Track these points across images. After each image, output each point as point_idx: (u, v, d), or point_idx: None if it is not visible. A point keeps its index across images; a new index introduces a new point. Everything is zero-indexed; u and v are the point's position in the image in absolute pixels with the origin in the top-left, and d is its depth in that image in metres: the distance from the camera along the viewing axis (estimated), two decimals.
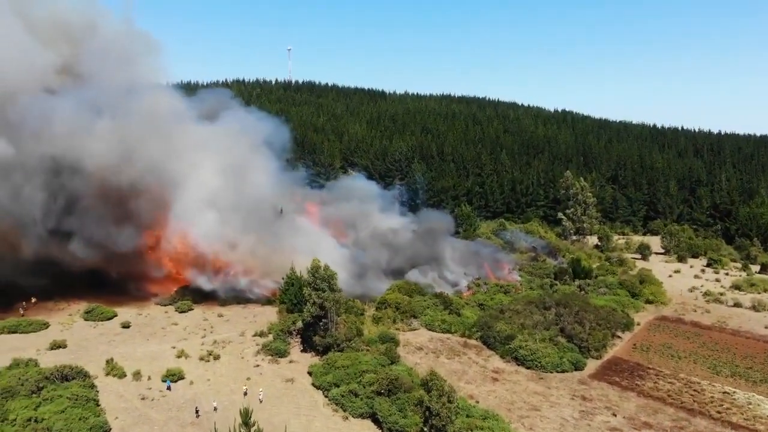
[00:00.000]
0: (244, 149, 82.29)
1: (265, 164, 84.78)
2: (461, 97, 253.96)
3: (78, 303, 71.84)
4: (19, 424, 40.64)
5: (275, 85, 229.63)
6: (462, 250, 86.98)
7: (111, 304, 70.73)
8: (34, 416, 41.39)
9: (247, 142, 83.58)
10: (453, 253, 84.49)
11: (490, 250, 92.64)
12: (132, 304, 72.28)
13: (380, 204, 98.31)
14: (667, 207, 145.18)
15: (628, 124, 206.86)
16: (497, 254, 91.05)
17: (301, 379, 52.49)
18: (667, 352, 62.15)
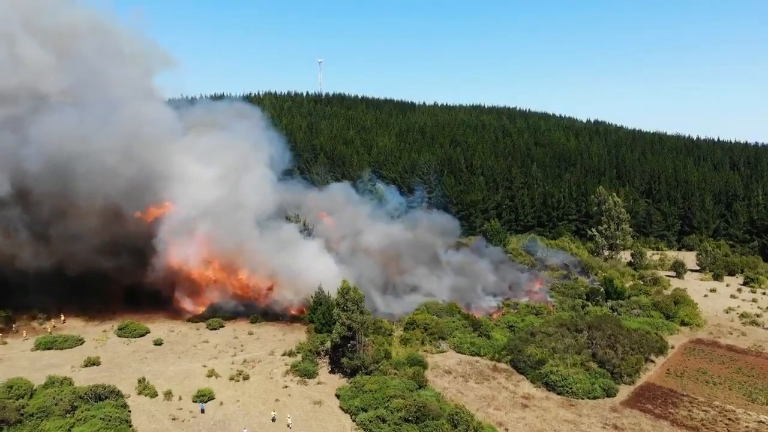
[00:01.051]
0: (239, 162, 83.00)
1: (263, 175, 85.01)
2: (491, 107, 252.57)
3: (112, 318, 73.32)
4: None
5: (306, 98, 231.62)
6: (492, 268, 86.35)
7: (144, 320, 72.21)
8: None
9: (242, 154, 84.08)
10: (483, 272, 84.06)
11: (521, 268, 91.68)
12: (164, 320, 73.53)
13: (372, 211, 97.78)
14: (703, 222, 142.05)
15: (663, 135, 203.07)
16: (528, 273, 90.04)
17: (329, 402, 52.57)
18: (701, 378, 60.53)
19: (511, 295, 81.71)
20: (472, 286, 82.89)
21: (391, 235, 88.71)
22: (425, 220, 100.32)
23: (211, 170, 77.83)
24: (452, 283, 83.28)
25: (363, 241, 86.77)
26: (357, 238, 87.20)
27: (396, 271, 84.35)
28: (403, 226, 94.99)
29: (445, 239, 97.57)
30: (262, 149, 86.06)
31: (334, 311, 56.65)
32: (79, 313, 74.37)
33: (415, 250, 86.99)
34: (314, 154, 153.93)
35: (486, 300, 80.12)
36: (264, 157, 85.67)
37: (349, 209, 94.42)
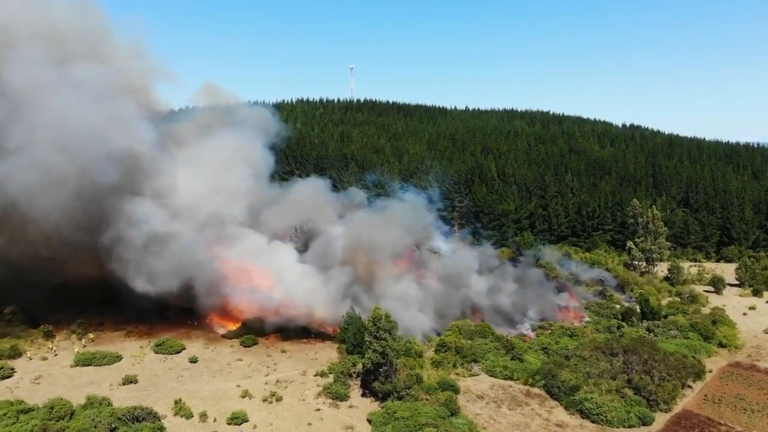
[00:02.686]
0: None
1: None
2: (524, 111, 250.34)
3: (149, 334, 74.74)
4: None
5: (338, 104, 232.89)
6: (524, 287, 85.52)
7: (179, 336, 73.57)
8: None
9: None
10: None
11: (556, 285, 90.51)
12: (199, 336, 74.69)
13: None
14: (742, 233, 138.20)
15: (701, 141, 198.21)
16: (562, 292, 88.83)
17: (360, 427, 52.75)
18: (739, 405, 59.00)
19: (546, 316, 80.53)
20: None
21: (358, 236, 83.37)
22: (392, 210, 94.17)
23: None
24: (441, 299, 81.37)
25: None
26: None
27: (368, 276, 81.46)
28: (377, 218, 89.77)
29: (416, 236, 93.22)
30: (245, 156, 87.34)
31: (366, 338, 56.81)
32: (116, 328, 76.05)
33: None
34: (345, 163, 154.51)
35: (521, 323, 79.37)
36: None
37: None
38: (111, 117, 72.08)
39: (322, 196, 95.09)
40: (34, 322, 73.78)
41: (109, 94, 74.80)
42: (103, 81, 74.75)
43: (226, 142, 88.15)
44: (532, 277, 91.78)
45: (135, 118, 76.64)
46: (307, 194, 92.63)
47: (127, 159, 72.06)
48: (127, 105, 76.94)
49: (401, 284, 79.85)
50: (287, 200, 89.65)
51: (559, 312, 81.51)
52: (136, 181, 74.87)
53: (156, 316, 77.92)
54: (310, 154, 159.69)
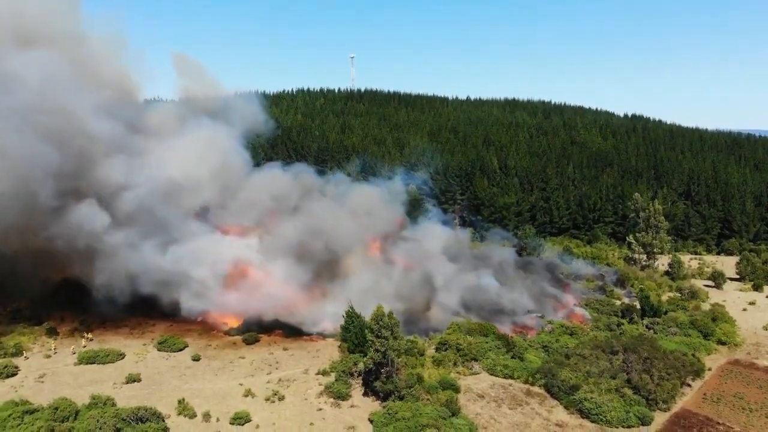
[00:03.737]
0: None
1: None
2: (526, 101, 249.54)
3: (152, 331, 75.23)
4: None
5: (338, 94, 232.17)
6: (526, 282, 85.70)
7: (182, 333, 74.05)
8: None
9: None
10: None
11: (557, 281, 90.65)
12: (202, 334, 75.04)
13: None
14: (743, 225, 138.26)
15: (703, 132, 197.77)
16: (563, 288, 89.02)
17: (361, 427, 53.24)
18: (738, 404, 59.39)
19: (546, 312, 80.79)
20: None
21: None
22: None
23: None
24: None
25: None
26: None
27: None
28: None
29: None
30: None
31: (368, 336, 57.18)
32: (119, 325, 76.45)
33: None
34: (346, 155, 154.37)
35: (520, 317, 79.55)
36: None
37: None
38: (53, 109, 70.68)
39: (282, 184, 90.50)
40: (37, 319, 74.11)
41: (57, 83, 73.14)
42: (53, 69, 73.30)
43: (197, 135, 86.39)
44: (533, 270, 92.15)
45: (86, 111, 74.27)
46: (267, 183, 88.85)
47: (70, 155, 71.01)
48: (83, 98, 74.97)
49: (367, 275, 79.30)
50: (251, 189, 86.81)
51: (559, 309, 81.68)
52: (80, 179, 73.53)
53: (158, 313, 78.25)
54: (311, 146, 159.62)
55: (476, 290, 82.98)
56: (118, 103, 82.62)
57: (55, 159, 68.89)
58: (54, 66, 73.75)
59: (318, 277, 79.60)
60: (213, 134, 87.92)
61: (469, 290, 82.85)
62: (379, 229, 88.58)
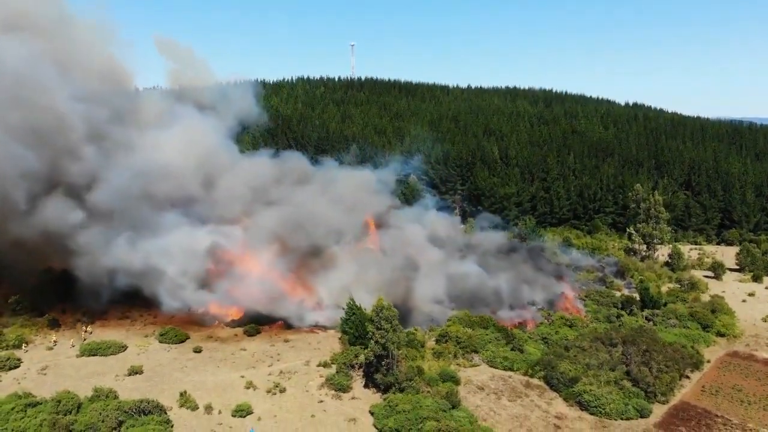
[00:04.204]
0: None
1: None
2: (527, 90, 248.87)
3: (153, 323, 75.41)
4: None
5: (339, 83, 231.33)
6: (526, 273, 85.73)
7: (183, 324, 74.16)
8: None
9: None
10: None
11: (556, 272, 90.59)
12: (203, 326, 75.32)
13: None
14: (743, 216, 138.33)
15: (704, 121, 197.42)
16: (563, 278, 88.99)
17: (362, 419, 53.63)
18: (736, 397, 59.71)
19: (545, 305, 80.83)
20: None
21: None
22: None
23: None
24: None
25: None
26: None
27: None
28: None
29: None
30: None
31: (369, 328, 57.46)
32: (121, 316, 76.73)
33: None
34: (346, 145, 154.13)
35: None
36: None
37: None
38: (27, 99, 69.94)
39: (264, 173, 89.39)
40: (39, 311, 74.33)
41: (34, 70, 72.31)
42: (29, 56, 72.44)
43: (180, 125, 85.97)
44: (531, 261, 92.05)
45: (63, 100, 73.15)
46: (249, 173, 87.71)
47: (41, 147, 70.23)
48: (61, 85, 73.82)
49: (351, 265, 79.01)
50: (233, 179, 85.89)
51: (560, 300, 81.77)
52: (55, 172, 72.82)
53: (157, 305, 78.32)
54: (311, 136, 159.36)
55: (459, 278, 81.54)
56: (104, 91, 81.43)
57: (30, 160, 68.49)
58: (31, 53, 73.02)
59: (302, 267, 79.36)
60: (196, 125, 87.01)
61: (452, 278, 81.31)
62: (365, 215, 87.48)
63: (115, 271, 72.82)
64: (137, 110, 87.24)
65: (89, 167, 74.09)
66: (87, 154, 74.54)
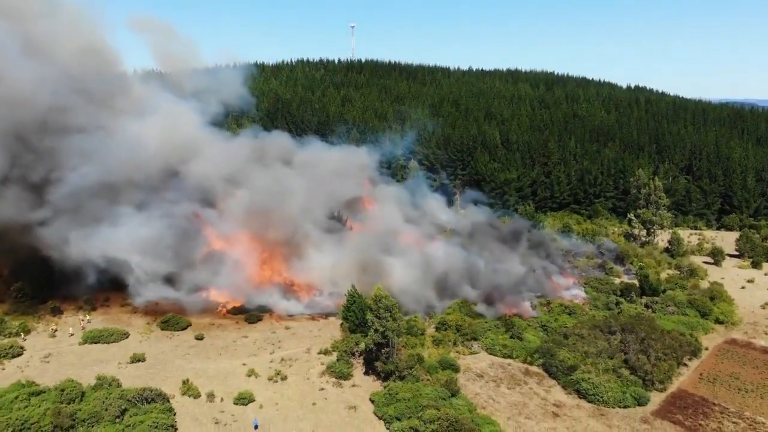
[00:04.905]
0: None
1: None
2: (529, 72, 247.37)
3: (154, 310, 75.56)
4: None
5: (338, 65, 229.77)
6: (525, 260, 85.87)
7: (185, 312, 74.47)
8: None
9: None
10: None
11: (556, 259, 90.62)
12: (204, 312, 75.53)
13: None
14: (744, 201, 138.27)
15: (706, 105, 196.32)
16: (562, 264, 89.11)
17: (363, 407, 54.22)
18: (734, 385, 60.23)
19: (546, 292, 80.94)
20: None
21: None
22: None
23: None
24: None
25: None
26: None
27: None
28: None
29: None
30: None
31: (368, 317, 57.84)
32: (123, 303, 77.01)
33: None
34: (347, 129, 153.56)
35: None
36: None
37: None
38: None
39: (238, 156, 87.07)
40: (41, 298, 74.61)
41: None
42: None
43: (157, 111, 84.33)
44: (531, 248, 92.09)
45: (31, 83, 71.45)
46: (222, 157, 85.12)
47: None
48: (30, 69, 72.32)
49: (329, 249, 78.51)
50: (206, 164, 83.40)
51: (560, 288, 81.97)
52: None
53: None
54: (311, 120, 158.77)
55: (433, 261, 79.97)
56: (79, 75, 79.05)
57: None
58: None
59: (276, 253, 78.86)
60: (172, 110, 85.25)
61: (426, 260, 79.82)
62: (344, 195, 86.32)
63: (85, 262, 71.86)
64: (112, 94, 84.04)
65: (49, 157, 72.44)
66: (47, 141, 72.85)
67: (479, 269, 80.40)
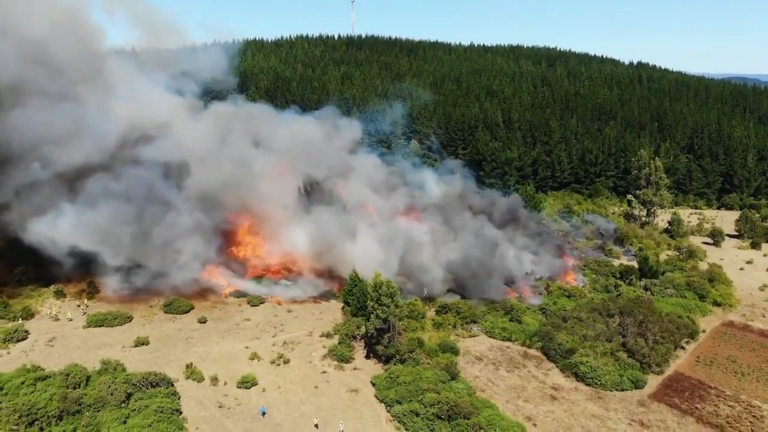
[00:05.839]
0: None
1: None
2: (531, 48, 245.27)
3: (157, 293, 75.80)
4: None
5: (338, 41, 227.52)
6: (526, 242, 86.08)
7: (187, 295, 74.71)
8: (124, 431, 45.59)
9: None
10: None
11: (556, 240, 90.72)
12: (207, 296, 76.03)
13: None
14: (744, 180, 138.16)
15: (708, 81, 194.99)
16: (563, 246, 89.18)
17: (364, 390, 55.10)
18: (730, 368, 61.02)
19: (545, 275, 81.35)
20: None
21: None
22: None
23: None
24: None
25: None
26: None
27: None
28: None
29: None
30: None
31: (369, 303, 58.38)
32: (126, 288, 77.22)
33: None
34: (347, 108, 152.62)
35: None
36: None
37: None
38: None
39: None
40: (44, 281, 74.96)
41: None
42: None
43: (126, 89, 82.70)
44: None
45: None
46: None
47: None
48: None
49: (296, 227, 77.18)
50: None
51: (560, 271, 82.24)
52: None
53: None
54: (311, 98, 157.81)
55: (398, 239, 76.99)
56: (55, 49, 77.56)
57: None
58: None
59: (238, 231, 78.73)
60: (142, 89, 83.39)
61: (391, 238, 76.90)
62: (319, 170, 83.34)
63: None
64: (83, 70, 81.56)
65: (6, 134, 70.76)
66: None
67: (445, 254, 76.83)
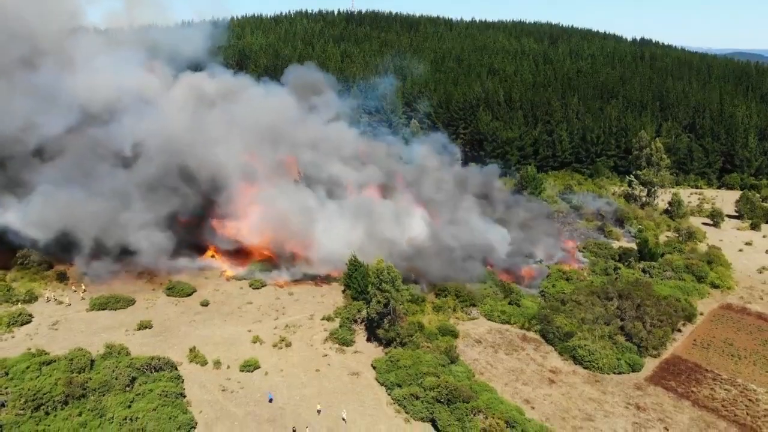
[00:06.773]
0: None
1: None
2: (533, 24, 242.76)
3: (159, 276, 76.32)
4: (116, 423, 45.86)
5: (338, 17, 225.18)
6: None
7: (189, 278, 75.30)
8: (129, 415, 46.41)
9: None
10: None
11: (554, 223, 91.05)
12: (209, 278, 76.84)
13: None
14: (745, 160, 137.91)
15: (711, 59, 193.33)
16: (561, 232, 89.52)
17: (365, 373, 55.95)
18: (727, 351, 61.64)
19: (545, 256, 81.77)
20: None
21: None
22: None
23: None
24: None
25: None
26: None
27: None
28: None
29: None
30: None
31: (370, 289, 58.92)
32: (129, 270, 77.60)
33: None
34: (347, 87, 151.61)
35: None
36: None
37: None
38: None
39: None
40: (47, 264, 75.41)
41: None
42: None
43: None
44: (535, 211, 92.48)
45: None
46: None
47: None
48: None
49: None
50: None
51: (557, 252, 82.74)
52: None
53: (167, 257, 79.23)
54: None
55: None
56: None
57: None
58: None
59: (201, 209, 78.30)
60: (105, 66, 79.95)
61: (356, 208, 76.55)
62: (284, 144, 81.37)
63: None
64: (51, 43, 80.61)
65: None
66: None
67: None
